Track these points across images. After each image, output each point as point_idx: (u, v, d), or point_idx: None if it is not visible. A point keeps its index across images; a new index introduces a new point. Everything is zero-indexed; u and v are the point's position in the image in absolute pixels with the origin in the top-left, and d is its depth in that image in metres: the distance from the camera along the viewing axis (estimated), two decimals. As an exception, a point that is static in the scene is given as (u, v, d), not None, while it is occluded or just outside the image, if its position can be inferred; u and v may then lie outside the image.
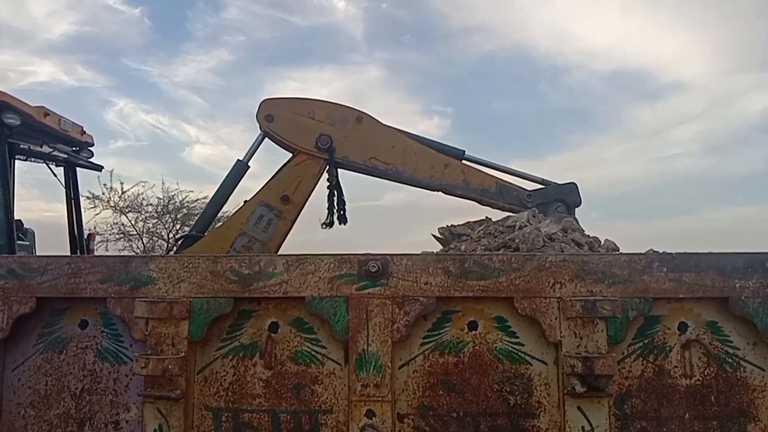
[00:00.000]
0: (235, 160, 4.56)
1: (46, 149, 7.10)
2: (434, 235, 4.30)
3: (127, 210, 19.66)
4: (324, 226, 4.65)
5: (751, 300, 2.26)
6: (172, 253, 5.44)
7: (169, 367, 2.26)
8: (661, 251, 2.43)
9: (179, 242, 4.64)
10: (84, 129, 7.31)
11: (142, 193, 19.66)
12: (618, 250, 4.02)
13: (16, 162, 6.95)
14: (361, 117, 4.49)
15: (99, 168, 8.02)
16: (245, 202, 4.40)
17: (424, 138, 4.68)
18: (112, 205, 19.36)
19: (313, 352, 2.38)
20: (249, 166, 4.53)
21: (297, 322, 2.39)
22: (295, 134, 4.45)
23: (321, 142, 4.39)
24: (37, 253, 6.97)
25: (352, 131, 4.47)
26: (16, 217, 6.39)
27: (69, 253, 7.30)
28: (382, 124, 4.57)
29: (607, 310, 2.19)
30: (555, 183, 4.63)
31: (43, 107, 6.51)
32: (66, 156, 7.26)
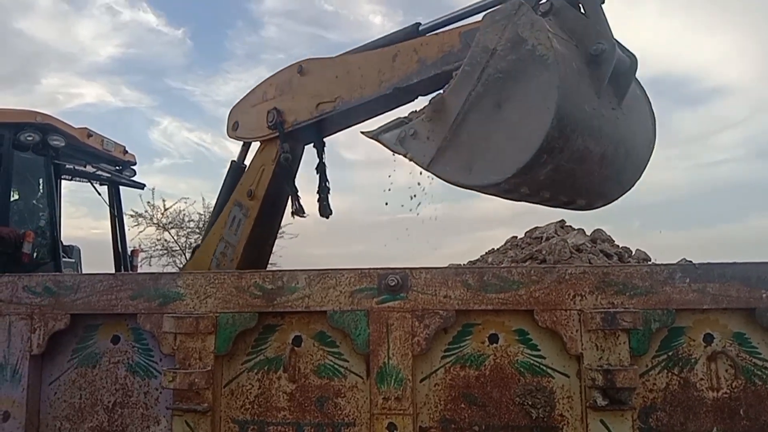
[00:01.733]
0: (230, 162, 4.27)
1: (90, 169, 7.37)
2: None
3: (169, 226, 20.14)
4: (293, 215, 3.97)
5: (779, 310, 2.21)
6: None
7: (196, 380, 2.32)
8: (697, 261, 2.39)
9: (193, 253, 4.60)
10: (126, 148, 7.57)
11: (183, 210, 20.13)
12: (649, 260, 3.94)
13: (63, 182, 7.24)
14: (301, 67, 3.73)
15: (141, 186, 8.27)
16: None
17: (369, 42, 3.64)
18: (155, 222, 19.87)
19: (336, 366, 2.42)
20: (245, 166, 4.18)
21: (319, 336, 2.44)
22: (256, 127, 3.91)
23: (269, 119, 3.77)
24: (84, 270, 7.21)
25: (298, 88, 3.72)
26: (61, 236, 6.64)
27: (114, 270, 7.54)
28: (325, 59, 3.73)
29: (628, 322, 2.17)
30: None
31: (86, 128, 6.76)
32: (109, 175, 7.52)
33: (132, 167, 7.75)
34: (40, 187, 6.43)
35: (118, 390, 2.53)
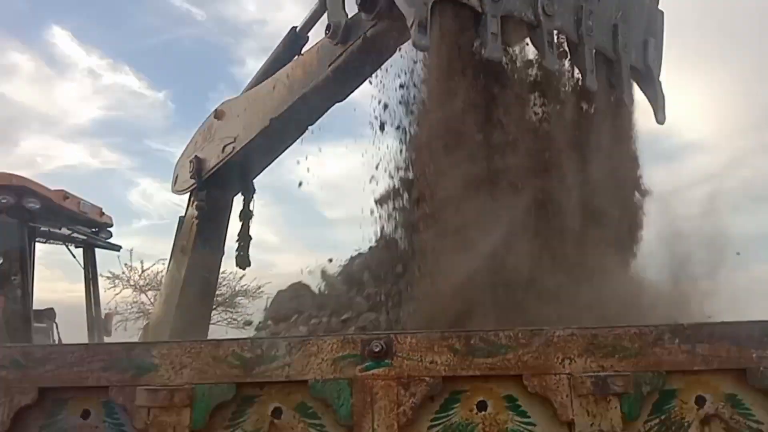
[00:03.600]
0: (178, 218, 4.12)
1: (65, 231, 7.27)
2: None
3: (146, 288, 19.80)
4: (237, 266, 3.94)
5: (771, 371, 2.17)
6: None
7: (171, 458, 2.20)
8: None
9: None
10: (103, 210, 7.50)
11: (161, 271, 19.82)
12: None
13: (38, 244, 7.11)
14: (217, 111, 3.56)
15: (117, 248, 8.17)
16: None
17: (262, 66, 3.45)
18: (132, 284, 19.54)
19: (318, 439, 2.31)
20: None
21: (301, 407, 2.33)
22: (187, 178, 3.76)
23: (190, 170, 3.63)
24: (59, 333, 7.00)
25: (215, 133, 3.56)
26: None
27: (87, 333, 7.35)
28: (236, 97, 3.55)
29: (620, 386, 2.12)
30: None
31: (62, 191, 6.70)
32: (85, 237, 7.42)
33: (108, 229, 7.68)
34: (14, 250, 6.29)
35: (87, 469, 2.38)
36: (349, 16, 2.73)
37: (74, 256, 7.58)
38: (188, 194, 4.09)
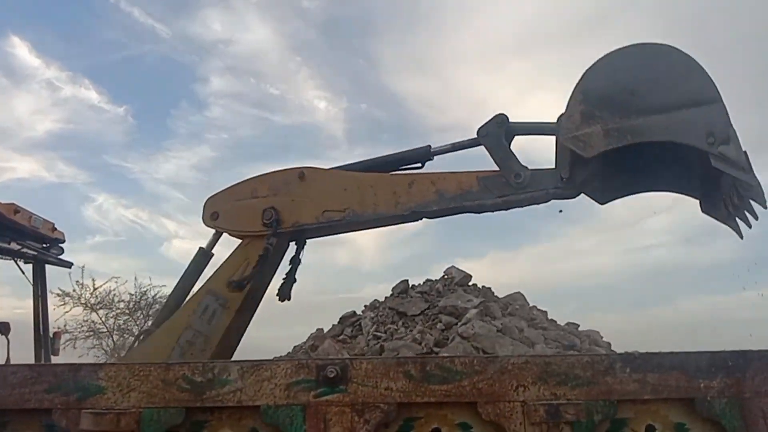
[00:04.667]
0: (198, 248, 4.20)
1: (15, 246, 7.02)
2: None
3: (98, 307, 19.23)
4: (280, 299, 4.21)
5: (717, 400, 2.22)
6: (133, 346, 5.03)
7: (114, 485, 2.12)
8: (632, 342, 2.39)
9: (140, 338, 4.38)
10: (55, 225, 7.27)
11: (114, 289, 19.31)
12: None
13: (-15, 260, 6.85)
14: (302, 173, 3.99)
15: (68, 265, 7.91)
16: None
17: (379, 158, 4.08)
18: (83, 302, 18.96)
19: (269, 466, 2.26)
20: (213, 254, 4.18)
21: (252, 433, 2.28)
22: (241, 221, 4.04)
23: (266, 217, 3.93)
24: (9, 351, 6.70)
25: (298, 192, 3.97)
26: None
27: (33, 352, 7.07)
28: (328, 170, 4.05)
29: (571, 415, 2.13)
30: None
31: (13, 204, 6.49)
32: (35, 253, 7.18)
33: (60, 245, 7.45)
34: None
35: (24, 497, 2.28)
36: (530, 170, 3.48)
37: (23, 272, 7.32)
38: (224, 231, 4.22)
